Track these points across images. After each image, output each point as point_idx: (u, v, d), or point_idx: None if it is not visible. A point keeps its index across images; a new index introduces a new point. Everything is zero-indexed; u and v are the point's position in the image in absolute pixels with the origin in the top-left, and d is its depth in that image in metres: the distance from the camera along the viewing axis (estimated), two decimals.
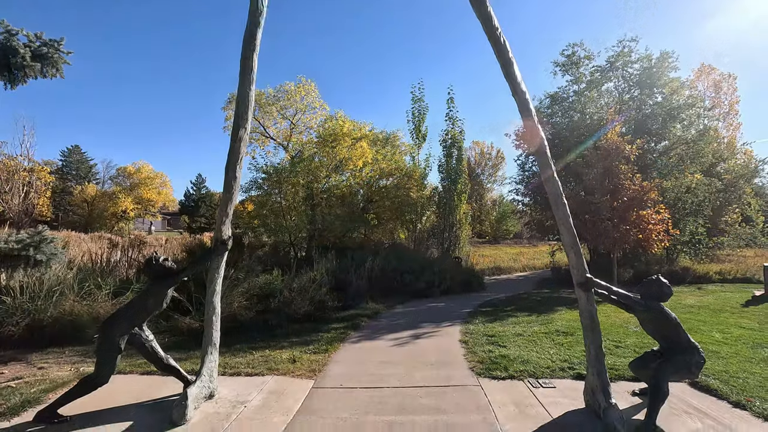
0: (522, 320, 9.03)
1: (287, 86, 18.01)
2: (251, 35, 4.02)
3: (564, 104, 20.34)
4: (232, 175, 4.41)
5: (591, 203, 14.25)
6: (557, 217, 4.32)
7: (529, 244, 45.70)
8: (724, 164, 23.77)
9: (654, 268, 17.21)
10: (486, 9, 3.76)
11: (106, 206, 41.26)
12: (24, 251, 4.81)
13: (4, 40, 4.84)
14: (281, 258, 13.76)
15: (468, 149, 54.91)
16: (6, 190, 31.08)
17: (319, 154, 15.91)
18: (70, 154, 53.19)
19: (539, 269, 24.37)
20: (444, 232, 18.68)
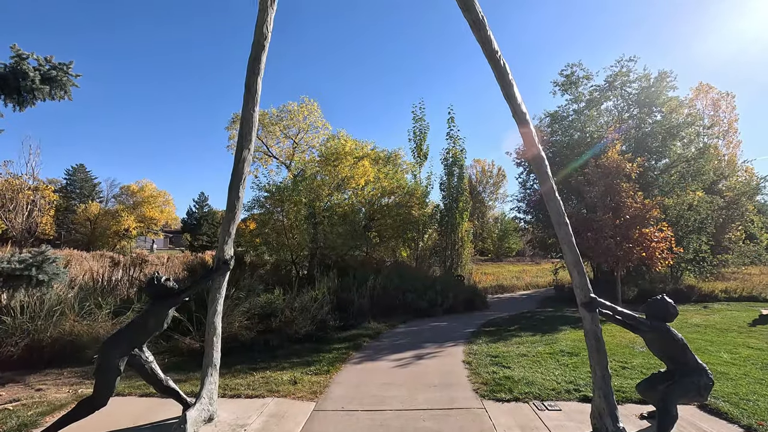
0: (526, 340, 8.91)
1: (290, 106, 18.29)
2: (256, 58, 4.11)
3: (564, 123, 20.54)
4: (235, 195, 4.44)
5: (593, 221, 14.23)
6: (559, 237, 4.31)
7: (532, 261, 45.45)
8: (725, 181, 23.82)
9: (658, 286, 17.06)
10: (486, 33, 3.85)
11: (109, 224, 41.37)
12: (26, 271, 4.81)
13: (15, 64, 4.96)
14: (283, 277, 13.70)
15: (469, 167, 55.28)
16: (10, 209, 31.27)
17: (321, 172, 16.01)
18: (75, 173, 53.69)
19: (542, 287, 24.16)
20: (446, 250, 18.61)
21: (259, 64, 4.14)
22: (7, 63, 4.89)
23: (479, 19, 3.80)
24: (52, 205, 37.70)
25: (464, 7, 3.80)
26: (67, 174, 53.27)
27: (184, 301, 4.63)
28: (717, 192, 21.73)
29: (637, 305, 14.35)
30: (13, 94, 4.86)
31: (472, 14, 3.79)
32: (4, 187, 32.20)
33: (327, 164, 15.92)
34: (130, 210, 43.94)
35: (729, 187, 23.02)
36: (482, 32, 3.83)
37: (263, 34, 4.06)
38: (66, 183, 52.71)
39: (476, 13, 3.78)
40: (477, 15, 3.79)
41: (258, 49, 4.10)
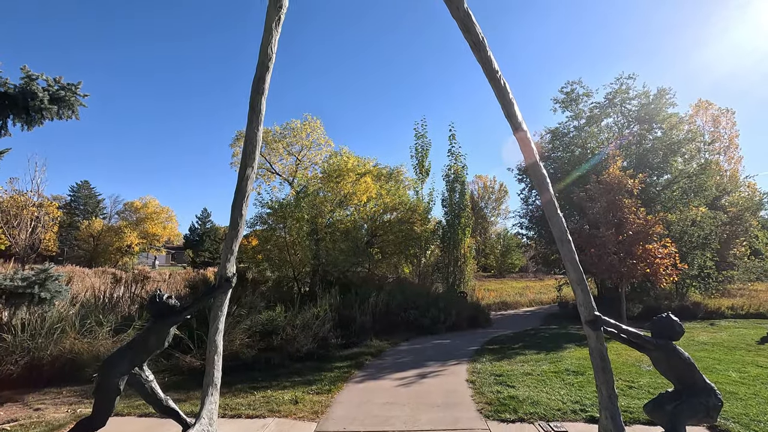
0: (530, 358, 8.78)
1: (293, 124, 18.51)
2: (260, 79, 4.19)
3: (565, 139, 20.68)
4: (238, 212, 4.46)
5: (596, 237, 14.19)
6: (562, 254, 4.30)
7: (535, 277, 45.13)
8: (728, 197, 23.79)
9: (664, 303, 16.87)
10: (486, 53, 3.92)
11: (112, 241, 41.45)
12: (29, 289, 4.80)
13: (24, 84, 5.06)
14: (284, 293, 13.63)
15: (471, 183, 55.43)
16: (14, 225, 31.41)
17: (323, 189, 16.10)
18: (79, 190, 54.13)
19: (546, 304, 23.93)
20: (449, 267, 18.53)
21: (263, 84, 4.21)
22: (17, 84, 5.00)
23: (479, 41, 3.88)
24: (56, 222, 37.86)
25: (464, 29, 3.88)
26: (72, 190, 53.72)
27: (186, 319, 4.61)
28: (720, 207, 21.69)
29: (643, 322, 14.23)
30: (21, 114, 4.95)
31: (472, 36, 3.87)
32: (9, 204, 32.44)
33: (329, 181, 16.01)
34: (132, 226, 44.08)
35: (732, 202, 22.99)
36: (482, 53, 3.90)
37: (267, 56, 4.15)
38: (70, 199, 53.08)
39: (476, 34, 3.86)
40: (477, 36, 3.86)
41: (262, 69, 4.18)
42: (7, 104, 4.98)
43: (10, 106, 4.98)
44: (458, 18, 3.86)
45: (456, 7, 3.83)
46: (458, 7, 3.82)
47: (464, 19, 3.84)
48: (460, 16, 3.84)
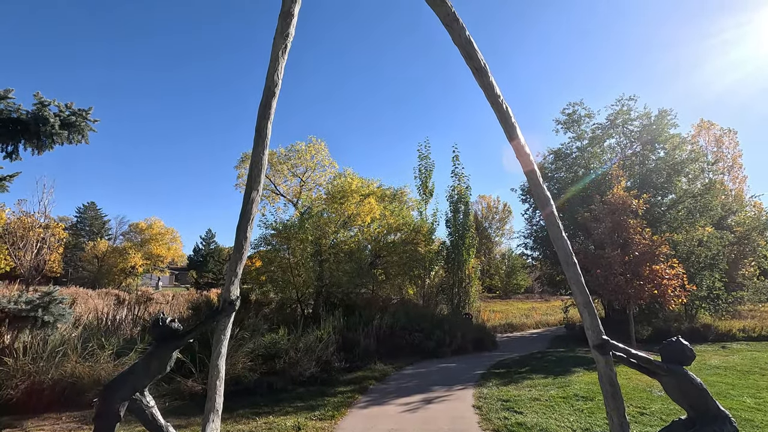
0: (538, 383, 8.59)
1: (298, 146, 18.72)
2: (266, 104, 4.27)
3: (568, 160, 20.76)
4: (243, 235, 4.46)
5: (602, 257, 14.06)
6: (568, 276, 4.25)
7: (541, 298, 44.57)
8: (734, 217, 23.62)
9: (673, 325, 16.58)
10: (488, 79, 3.99)
11: (116, 262, 41.54)
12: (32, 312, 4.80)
13: (37, 111, 5.19)
14: (288, 315, 13.53)
15: (474, 203, 55.45)
16: (20, 247, 31.61)
17: (327, 210, 16.14)
18: (86, 211, 54.66)
19: (553, 326, 23.56)
20: (453, 288, 18.36)
21: (269, 109, 4.29)
22: (29, 110, 5.12)
23: (481, 67, 3.95)
24: (62, 243, 38.08)
25: (467, 56, 3.96)
26: (78, 212, 54.24)
27: (188, 342, 4.57)
28: (726, 227, 21.51)
29: (653, 345, 13.94)
30: (32, 139, 5.06)
31: (474, 62, 3.95)
32: (16, 226, 32.74)
33: (333, 202, 16.08)
34: (137, 247, 44.23)
35: (738, 222, 22.81)
36: (485, 79, 3.97)
37: (274, 82, 4.24)
38: (76, 220, 53.55)
39: (478, 60, 3.94)
40: (479, 63, 3.94)
41: (269, 95, 4.26)
42: (19, 129, 5.10)
43: (22, 131, 5.10)
44: (460, 45, 3.95)
45: (458, 35, 3.92)
46: (460, 35, 3.91)
47: (466, 46, 3.93)
48: (462, 43, 3.93)
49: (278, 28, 4.19)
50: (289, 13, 4.12)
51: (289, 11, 4.12)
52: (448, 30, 3.97)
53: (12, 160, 5.33)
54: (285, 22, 4.14)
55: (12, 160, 5.33)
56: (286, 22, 4.14)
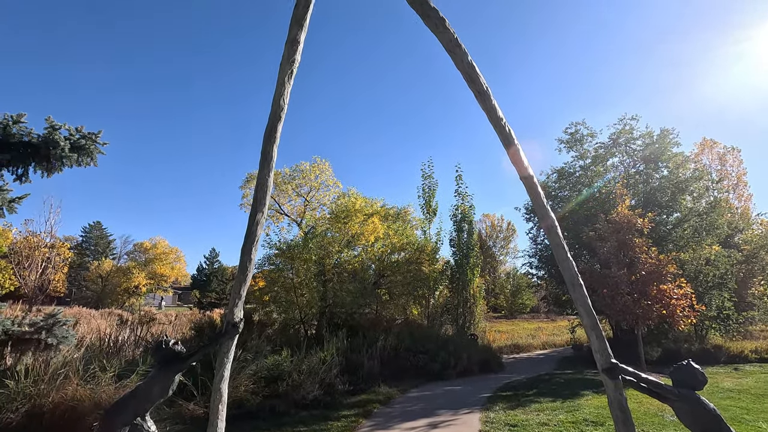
0: (546, 407, 8.39)
1: (303, 166, 18.93)
2: (272, 128, 4.34)
3: (571, 179, 20.80)
4: (247, 257, 4.47)
5: (608, 277, 13.92)
6: (574, 298, 4.20)
7: (547, 318, 43.98)
8: (741, 235, 23.43)
9: (683, 346, 16.27)
10: (491, 102, 4.05)
11: (120, 281, 41.55)
12: (36, 334, 4.79)
13: (48, 134, 5.30)
14: (291, 336, 13.40)
15: (478, 222, 55.37)
16: (25, 266, 31.78)
17: (331, 229, 16.19)
18: (91, 230, 54.99)
19: (560, 346, 23.17)
20: (458, 308, 18.17)
21: (275, 133, 4.36)
22: (40, 134, 5.24)
23: (484, 90, 4.02)
24: (66, 263, 38.25)
25: (469, 80, 4.04)
26: (84, 231, 54.57)
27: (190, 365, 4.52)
28: (734, 246, 21.31)
29: (662, 367, 13.65)
30: (43, 162, 5.16)
31: (476, 85, 4.01)
32: (22, 245, 32.98)
33: (337, 221, 16.13)
34: (141, 267, 44.29)
35: (746, 240, 22.60)
36: (487, 102, 4.03)
37: (280, 106, 4.32)
38: (82, 240, 53.83)
39: (481, 84, 4.01)
40: (481, 86, 4.01)
41: (275, 119, 4.34)
42: (30, 153, 5.20)
43: (33, 154, 5.20)
44: (463, 70, 4.02)
45: (460, 60, 4.00)
46: (462, 60, 3.99)
47: (468, 70, 4.01)
48: (464, 67, 4.01)
49: (284, 55, 4.30)
50: (296, 40, 4.23)
51: (295, 38, 4.23)
52: (451, 55, 4.05)
53: (22, 183, 5.42)
54: (291, 48, 4.25)
55: (22, 183, 5.42)
56: (293, 48, 4.25)
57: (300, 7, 4.21)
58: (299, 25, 4.24)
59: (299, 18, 4.23)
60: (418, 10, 3.99)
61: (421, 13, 3.99)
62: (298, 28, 4.24)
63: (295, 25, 4.25)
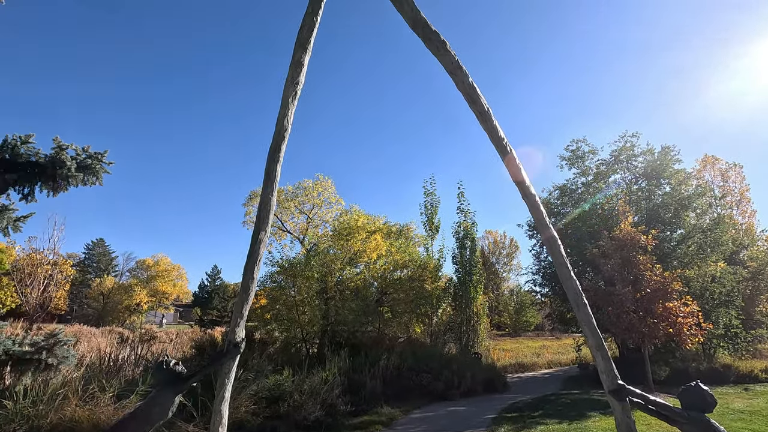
0: (552, 429, 8.22)
1: (305, 183, 19.04)
2: (276, 148, 4.40)
3: (573, 195, 20.80)
4: (250, 276, 4.47)
5: (613, 294, 13.78)
6: (579, 317, 4.17)
7: (552, 336, 43.36)
8: (746, 251, 23.24)
9: (691, 365, 15.97)
10: (492, 123, 4.10)
11: (121, 299, 41.38)
12: (36, 354, 4.75)
13: (55, 154, 5.38)
14: (292, 355, 13.26)
15: (481, 238, 55.17)
16: (27, 284, 31.73)
17: (333, 247, 16.17)
18: (94, 247, 55.10)
19: (565, 365, 22.76)
20: (461, 326, 17.97)
21: (278, 152, 4.41)
22: (47, 153, 5.31)
23: (485, 111, 4.08)
24: (68, 280, 38.20)
25: (470, 101, 4.10)
26: (87, 248, 54.67)
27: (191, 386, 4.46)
28: (739, 262, 21.12)
29: (670, 387, 13.38)
30: (48, 182, 5.22)
31: (477, 106, 4.08)
32: (25, 263, 33.01)
33: (340, 239, 16.12)
34: (143, 284, 44.18)
35: (751, 257, 22.41)
36: (488, 122, 4.09)
37: (284, 126, 4.39)
38: (84, 257, 53.89)
39: (482, 105, 4.07)
40: (483, 107, 4.07)
41: (278, 139, 4.40)
42: (37, 172, 5.26)
43: (39, 174, 5.26)
44: (464, 91, 4.09)
45: (461, 81, 4.08)
46: (463, 81, 4.06)
47: (470, 91, 4.07)
48: (465, 89, 4.07)
49: (289, 76, 4.39)
50: (300, 62, 4.32)
51: (299, 61, 4.33)
52: (452, 77, 4.13)
53: (27, 202, 5.47)
54: (296, 70, 4.34)
55: (27, 202, 5.47)
56: (297, 71, 4.34)
57: (304, 31, 4.31)
58: (303, 48, 4.34)
59: (303, 41, 4.33)
60: (420, 34, 4.08)
61: (423, 37, 4.08)
62: (303, 51, 4.34)
63: (299, 48, 4.35)
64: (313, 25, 4.29)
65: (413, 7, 4.07)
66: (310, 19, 4.26)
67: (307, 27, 4.28)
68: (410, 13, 4.06)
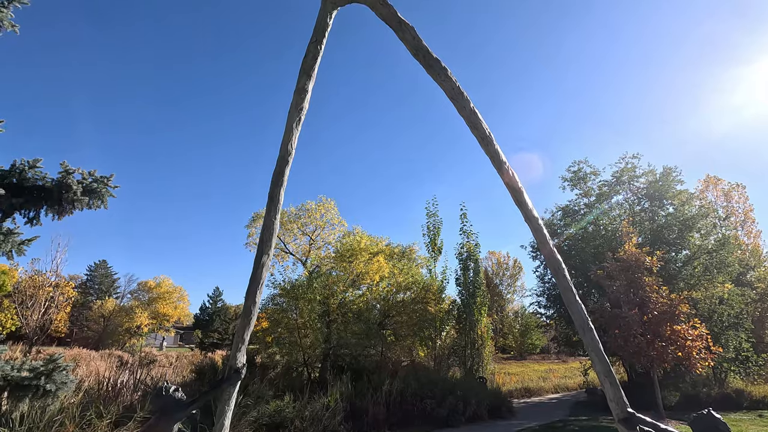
0: None
1: (308, 205, 19.08)
2: (280, 172, 4.44)
3: (576, 216, 20.77)
4: (252, 300, 4.43)
5: (619, 317, 13.57)
6: (585, 343, 4.08)
7: (558, 359, 42.58)
8: (753, 272, 22.98)
9: (702, 390, 15.59)
10: (494, 147, 4.13)
11: (122, 321, 41.05)
12: (35, 380, 4.68)
13: (62, 178, 5.44)
14: (294, 380, 13.05)
15: (484, 259, 54.83)
16: (28, 306, 31.58)
17: (336, 268, 16.09)
18: (96, 269, 55.04)
19: (572, 390, 22.27)
20: (465, 349, 17.68)
21: (282, 177, 4.45)
22: (54, 177, 5.38)
23: (486, 135, 4.11)
24: (69, 302, 38.02)
25: (472, 126, 4.15)
26: (89, 270, 54.62)
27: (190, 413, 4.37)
28: (747, 284, 20.85)
29: (682, 413, 13.02)
30: (54, 206, 5.27)
31: (479, 131, 4.12)
32: (27, 285, 32.96)
33: (342, 260, 16.05)
34: (144, 306, 43.89)
35: (759, 278, 22.13)
36: (490, 147, 4.12)
37: (288, 151, 4.44)
38: (87, 278, 53.79)
39: (483, 130, 4.11)
40: (484, 132, 4.11)
41: (282, 164, 4.44)
42: (43, 196, 5.31)
43: (45, 198, 5.32)
44: (465, 116, 4.14)
45: (462, 107, 4.13)
46: (464, 107, 4.12)
47: (471, 117, 4.12)
48: (466, 114, 4.13)
49: (293, 103, 4.47)
50: (304, 89, 4.41)
51: (303, 87, 4.41)
52: (454, 103, 4.19)
53: (32, 226, 5.51)
54: (299, 97, 4.42)
55: (32, 226, 5.51)
56: (301, 97, 4.42)
57: (308, 59, 4.41)
58: (307, 75, 4.43)
59: (307, 69, 4.43)
60: (422, 61, 4.17)
61: (425, 64, 4.17)
62: (307, 78, 4.43)
63: (303, 75, 4.44)
64: (317, 53, 4.40)
65: (415, 36, 4.17)
66: (314, 47, 4.37)
67: (311, 55, 4.39)
68: (412, 41, 4.15)
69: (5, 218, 5.47)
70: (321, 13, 4.37)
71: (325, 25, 4.37)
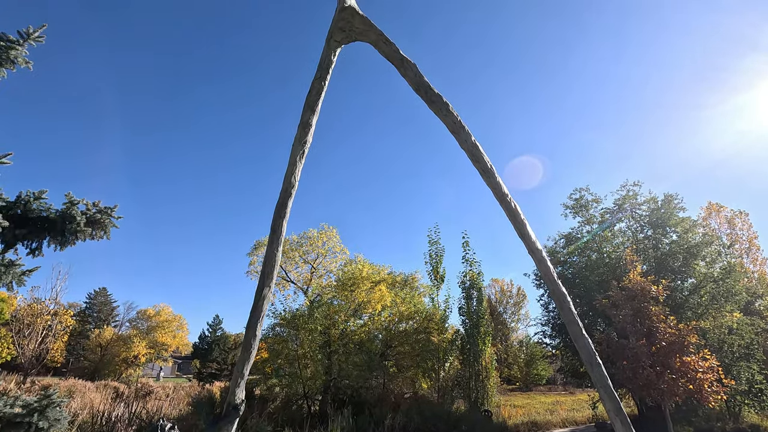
0: None
1: (310, 233, 19.10)
2: (283, 205, 4.47)
3: (579, 244, 20.66)
4: (252, 333, 4.37)
5: (627, 348, 13.24)
6: (593, 379, 3.98)
7: (565, 391, 41.30)
8: (761, 301, 22.58)
9: (716, 425, 15.05)
10: (495, 179, 4.17)
11: (119, 351, 40.31)
12: (28, 417, 4.55)
13: (66, 209, 5.47)
14: (293, 413, 12.66)
15: (487, 287, 54.25)
16: (25, 335, 31.13)
17: (337, 297, 15.92)
18: (96, 297, 54.56)
19: (581, 423, 21.43)
20: (470, 381, 17.20)
21: (285, 209, 4.48)
22: (59, 209, 5.41)
23: (488, 168, 4.16)
24: (67, 331, 37.49)
25: (473, 158, 4.20)
26: (89, 297, 54.13)
27: None
28: (755, 312, 20.46)
29: None
30: (57, 237, 5.27)
31: (481, 164, 4.17)
32: (25, 313, 32.61)
33: (344, 289, 15.90)
34: (142, 335, 43.21)
35: (767, 306, 21.73)
36: (491, 179, 4.16)
37: (291, 184, 4.49)
38: (86, 306, 53.24)
39: (485, 162, 4.16)
40: (485, 164, 4.16)
41: (285, 196, 4.48)
42: (47, 227, 5.33)
43: (49, 229, 5.33)
44: (467, 149, 4.20)
45: (464, 141, 4.20)
46: (466, 140, 4.18)
47: (472, 150, 4.18)
48: (468, 147, 4.19)
49: (297, 136, 4.54)
50: (308, 123, 4.49)
51: (307, 122, 4.50)
52: (455, 136, 4.26)
53: (34, 257, 5.50)
54: (303, 131, 4.50)
55: (34, 257, 5.50)
56: (305, 131, 4.50)
57: (312, 94, 4.52)
58: (311, 110, 4.53)
59: (311, 104, 4.53)
60: (424, 97, 4.26)
61: (426, 100, 4.26)
62: (311, 113, 4.52)
63: (307, 110, 4.54)
64: (321, 89, 4.51)
65: (417, 72, 4.28)
66: (318, 83, 4.48)
67: (315, 91, 4.49)
68: (414, 78, 4.26)
69: (7, 249, 5.46)
70: (325, 52, 4.51)
71: (329, 62, 4.50)
